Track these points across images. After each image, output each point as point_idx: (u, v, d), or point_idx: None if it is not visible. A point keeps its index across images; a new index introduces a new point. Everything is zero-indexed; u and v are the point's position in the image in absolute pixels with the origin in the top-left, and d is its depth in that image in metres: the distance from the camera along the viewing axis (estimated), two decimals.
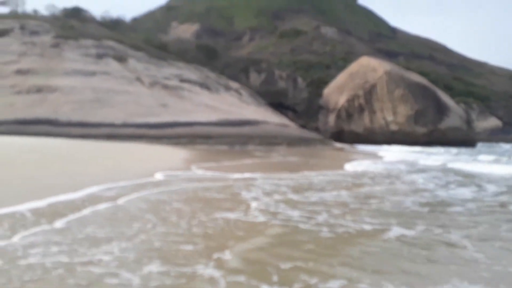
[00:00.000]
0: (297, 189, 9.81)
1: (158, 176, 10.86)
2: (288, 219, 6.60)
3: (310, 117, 64.03)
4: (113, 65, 45.36)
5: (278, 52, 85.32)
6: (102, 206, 6.87)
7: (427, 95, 45.03)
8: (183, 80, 49.53)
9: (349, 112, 48.38)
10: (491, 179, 13.46)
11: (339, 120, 49.37)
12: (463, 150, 37.59)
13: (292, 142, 35.99)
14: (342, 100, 49.19)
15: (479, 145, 47.78)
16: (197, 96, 45.77)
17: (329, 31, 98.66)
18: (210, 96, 48.16)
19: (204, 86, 50.94)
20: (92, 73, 40.01)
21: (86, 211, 6.47)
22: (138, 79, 43.58)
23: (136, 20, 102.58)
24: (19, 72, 36.46)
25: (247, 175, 12.23)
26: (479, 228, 6.51)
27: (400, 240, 5.62)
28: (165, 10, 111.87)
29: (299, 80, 75.41)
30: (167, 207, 7.20)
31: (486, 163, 21.04)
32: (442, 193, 10.11)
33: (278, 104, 66.40)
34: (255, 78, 77.72)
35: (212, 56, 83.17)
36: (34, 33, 49.61)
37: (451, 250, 5.27)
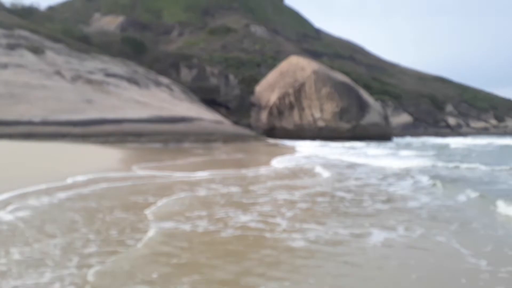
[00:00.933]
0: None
1: (79, 178, 10.20)
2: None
3: (242, 114, 64.86)
4: (28, 57, 41.21)
5: (208, 49, 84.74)
6: None
7: (351, 93, 48.30)
8: (108, 75, 46.85)
9: (280, 110, 49.94)
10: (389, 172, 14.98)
11: (271, 117, 50.72)
12: (374, 144, 40.88)
13: (227, 138, 36.13)
14: (273, 97, 50.58)
15: (394, 139, 52.48)
16: (125, 92, 43.63)
17: (258, 30, 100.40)
18: (139, 91, 46.24)
19: (132, 81, 48.72)
20: (4, 66, 35.97)
21: None
22: (58, 72, 40.20)
23: (52, 9, 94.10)
24: None
25: (201, 174, 12.02)
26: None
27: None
28: (85, 0, 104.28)
29: (231, 77, 75.73)
30: None
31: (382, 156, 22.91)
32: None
33: (211, 101, 66.23)
34: (186, 74, 76.37)
35: (140, 50, 79.89)
36: None
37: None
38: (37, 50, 44.33)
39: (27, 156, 15.83)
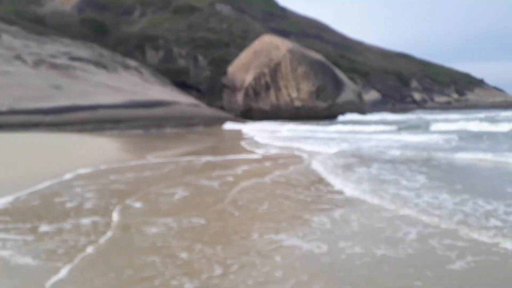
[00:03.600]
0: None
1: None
2: None
3: (214, 96, 63.37)
4: None
5: (174, 29, 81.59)
6: None
7: (326, 72, 48.29)
8: (73, 58, 43.91)
9: (256, 90, 49.14)
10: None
11: (247, 98, 49.89)
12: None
13: (208, 122, 35.15)
14: (248, 78, 49.63)
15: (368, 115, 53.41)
16: (93, 76, 41.11)
17: (224, 8, 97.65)
18: (109, 75, 43.81)
19: (99, 65, 46.04)
20: None
21: None
22: (19, 57, 37.02)
23: None
24: None
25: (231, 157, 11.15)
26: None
27: None
28: None
29: (200, 58, 73.57)
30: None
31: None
32: None
33: (181, 83, 64.30)
34: (152, 56, 73.34)
35: (101, 32, 75.75)
36: None
37: None
38: None
39: (13, 150, 14.23)
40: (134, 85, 42.50)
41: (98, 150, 13.71)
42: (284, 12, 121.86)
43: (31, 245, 4.45)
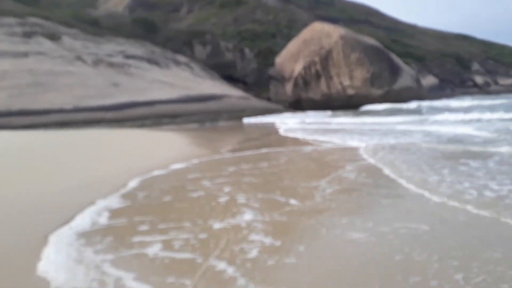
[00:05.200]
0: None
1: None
2: None
3: (261, 88, 62.92)
4: (46, 44, 39.79)
5: (220, 23, 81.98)
6: None
7: (381, 57, 45.83)
8: (128, 57, 45.32)
9: (306, 80, 47.87)
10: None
11: (297, 89, 48.78)
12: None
13: (260, 114, 34.67)
14: (298, 68, 48.46)
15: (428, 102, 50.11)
16: (147, 73, 42.16)
17: (269, 0, 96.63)
18: (162, 71, 44.74)
19: (152, 61, 47.17)
20: (24, 54, 34.68)
21: None
22: (79, 58, 38.78)
23: None
24: None
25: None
26: None
27: None
28: None
29: (246, 50, 73.37)
30: None
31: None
32: None
33: (228, 77, 64.62)
34: (200, 51, 74.24)
35: (151, 30, 77.89)
36: None
37: None
38: (53, 37, 42.84)
39: (103, 144, 14.37)
40: (186, 80, 43.04)
41: (171, 145, 13.58)
42: None
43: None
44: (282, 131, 18.74)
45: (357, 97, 46.32)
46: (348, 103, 45.96)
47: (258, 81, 65.70)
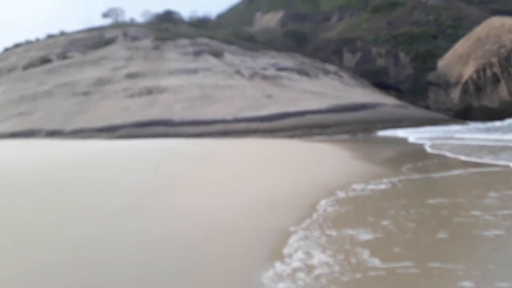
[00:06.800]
0: None
1: None
2: None
3: (417, 95, 57.10)
4: (211, 60, 44.74)
5: (373, 28, 78.12)
6: None
7: None
8: (280, 69, 47.15)
9: (478, 85, 40.93)
10: None
11: (465, 95, 42.19)
12: None
13: (419, 124, 31.02)
14: (467, 71, 41.88)
15: None
16: (298, 84, 42.96)
17: None
18: (311, 82, 44.98)
19: (302, 72, 47.97)
20: (194, 70, 39.62)
21: None
22: (238, 72, 42.20)
23: (220, 16, 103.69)
24: (129, 76, 37.46)
25: None
26: None
27: None
28: (248, 2, 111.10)
29: (401, 55, 68.01)
30: None
31: None
32: None
33: (379, 84, 60.92)
34: (349, 59, 72.38)
35: (301, 41, 79.90)
36: (135, 38, 51.63)
37: None
38: (217, 54, 47.89)
39: (267, 155, 14.27)
40: (336, 89, 42.14)
41: (332, 158, 12.57)
42: None
43: None
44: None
45: None
46: None
47: (413, 87, 59.99)
